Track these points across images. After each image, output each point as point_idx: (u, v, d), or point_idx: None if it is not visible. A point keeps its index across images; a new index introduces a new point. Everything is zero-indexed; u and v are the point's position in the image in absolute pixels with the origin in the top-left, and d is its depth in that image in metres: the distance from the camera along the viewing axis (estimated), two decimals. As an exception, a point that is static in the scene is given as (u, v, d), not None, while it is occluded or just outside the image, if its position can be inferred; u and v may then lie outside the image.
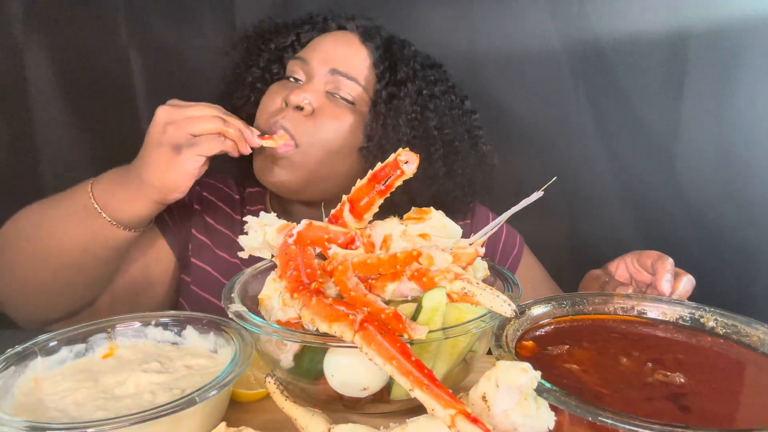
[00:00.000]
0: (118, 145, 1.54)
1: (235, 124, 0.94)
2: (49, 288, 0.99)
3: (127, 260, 1.09)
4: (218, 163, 1.01)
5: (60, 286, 1.00)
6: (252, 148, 1.00)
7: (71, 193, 0.98)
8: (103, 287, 1.06)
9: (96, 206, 0.94)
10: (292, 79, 1.11)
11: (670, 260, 0.98)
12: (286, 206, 1.22)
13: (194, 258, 1.17)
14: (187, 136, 0.90)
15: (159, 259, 1.15)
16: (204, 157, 0.91)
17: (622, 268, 1.05)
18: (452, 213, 1.14)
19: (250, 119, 1.15)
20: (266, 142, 0.99)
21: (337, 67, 1.07)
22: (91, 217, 0.94)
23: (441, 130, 1.12)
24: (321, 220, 0.79)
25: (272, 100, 1.09)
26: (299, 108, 1.04)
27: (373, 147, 1.06)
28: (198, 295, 1.17)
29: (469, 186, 1.17)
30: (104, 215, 0.94)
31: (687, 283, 0.96)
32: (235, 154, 0.95)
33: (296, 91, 1.04)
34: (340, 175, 1.08)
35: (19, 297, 1.02)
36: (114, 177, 0.96)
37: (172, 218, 1.16)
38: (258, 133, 0.99)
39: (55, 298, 1.02)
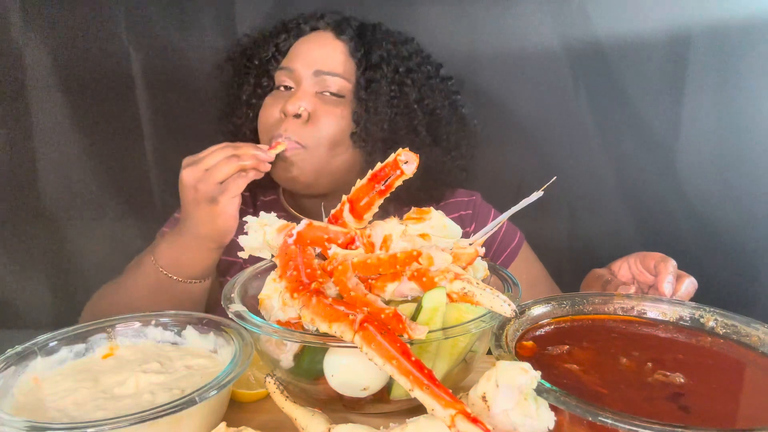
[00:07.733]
0: (118, 144, 1.56)
1: (247, 152, 1.01)
2: None
3: None
4: None
5: None
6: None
7: (136, 275, 1.08)
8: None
9: (170, 276, 1.05)
10: (282, 88, 1.17)
11: (673, 262, 0.98)
12: (297, 199, 1.27)
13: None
14: (216, 187, 0.98)
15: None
16: (239, 195, 1.00)
17: (625, 268, 1.05)
18: (443, 184, 1.23)
19: (253, 133, 1.21)
20: (275, 151, 1.07)
21: (320, 68, 1.14)
22: (169, 286, 1.05)
23: (421, 102, 1.18)
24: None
25: (270, 112, 1.16)
26: (297, 116, 1.11)
27: (361, 131, 1.13)
28: None
29: (456, 150, 1.24)
30: (180, 280, 1.05)
31: (689, 285, 0.96)
32: (260, 176, 1.04)
33: (291, 101, 1.11)
34: (347, 164, 1.16)
35: None
36: (170, 245, 1.06)
37: None
38: (266, 147, 1.07)
39: None
